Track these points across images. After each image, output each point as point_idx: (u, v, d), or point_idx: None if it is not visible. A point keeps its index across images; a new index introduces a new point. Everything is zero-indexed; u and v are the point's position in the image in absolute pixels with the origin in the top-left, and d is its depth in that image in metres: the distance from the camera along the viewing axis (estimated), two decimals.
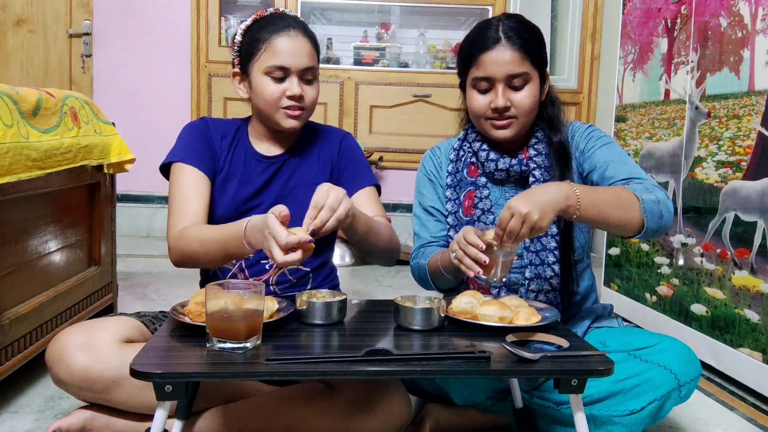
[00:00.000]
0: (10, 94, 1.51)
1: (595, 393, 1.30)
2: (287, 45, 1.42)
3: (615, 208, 1.28)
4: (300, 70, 1.42)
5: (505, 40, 1.41)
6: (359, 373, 1.02)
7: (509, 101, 1.42)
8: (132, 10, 3.89)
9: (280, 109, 1.43)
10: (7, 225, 1.56)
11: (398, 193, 3.92)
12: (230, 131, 1.53)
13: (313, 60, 1.45)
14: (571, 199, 1.22)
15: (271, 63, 1.41)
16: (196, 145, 1.47)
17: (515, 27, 1.43)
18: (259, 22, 1.45)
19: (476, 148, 1.52)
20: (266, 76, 1.42)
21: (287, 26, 1.43)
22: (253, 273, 1.47)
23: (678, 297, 2.21)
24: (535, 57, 1.43)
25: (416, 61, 3.98)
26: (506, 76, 1.41)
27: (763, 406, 1.77)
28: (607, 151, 1.44)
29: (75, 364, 1.21)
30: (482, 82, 1.43)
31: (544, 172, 1.45)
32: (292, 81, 1.42)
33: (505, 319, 1.15)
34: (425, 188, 1.60)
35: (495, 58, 1.41)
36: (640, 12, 2.61)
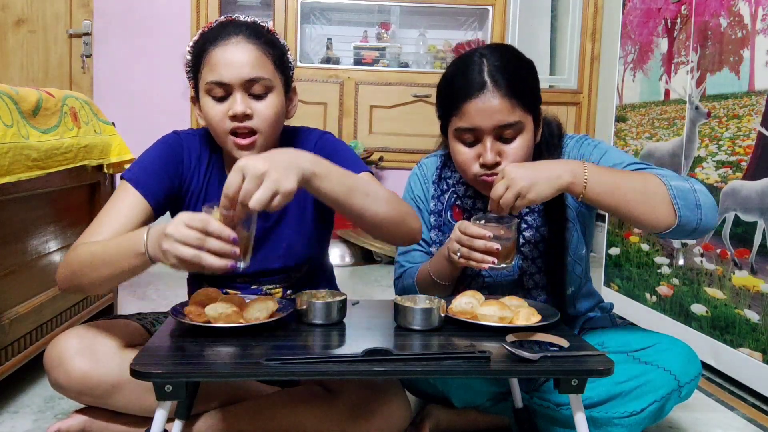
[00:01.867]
0: (10, 94, 1.51)
1: (595, 396, 1.30)
2: (225, 55, 1.20)
3: (635, 191, 1.15)
4: (242, 82, 1.19)
5: (492, 84, 1.22)
6: (359, 373, 1.02)
7: (499, 155, 1.25)
8: (132, 10, 3.89)
9: (227, 135, 1.22)
10: (7, 225, 1.56)
11: (398, 193, 3.91)
12: (205, 157, 1.34)
13: (260, 69, 1.21)
14: (578, 176, 1.13)
15: (209, 79, 1.20)
16: (155, 169, 1.28)
17: (501, 66, 1.24)
18: (204, 36, 1.26)
19: (460, 193, 1.40)
20: (207, 96, 1.22)
21: (228, 34, 1.22)
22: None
23: (678, 297, 2.21)
24: (527, 100, 1.25)
25: (416, 61, 3.98)
26: (494, 127, 1.23)
27: (763, 406, 1.77)
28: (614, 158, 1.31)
29: (74, 370, 1.19)
30: (467, 133, 1.25)
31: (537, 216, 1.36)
32: (234, 98, 1.20)
33: (505, 319, 1.15)
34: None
35: (481, 108, 1.22)
36: (640, 12, 2.61)
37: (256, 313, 1.11)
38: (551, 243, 1.36)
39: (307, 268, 1.41)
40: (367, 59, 3.95)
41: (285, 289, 1.40)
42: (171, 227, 1.00)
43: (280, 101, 1.25)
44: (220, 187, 1.18)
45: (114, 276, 1.13)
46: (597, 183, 1.14)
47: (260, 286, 1.38)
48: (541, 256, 1.38)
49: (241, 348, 1.04)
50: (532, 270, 1.39)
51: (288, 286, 1.40)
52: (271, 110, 1.22)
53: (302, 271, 1.41)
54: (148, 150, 1.34)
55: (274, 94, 1.24)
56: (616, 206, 1.17)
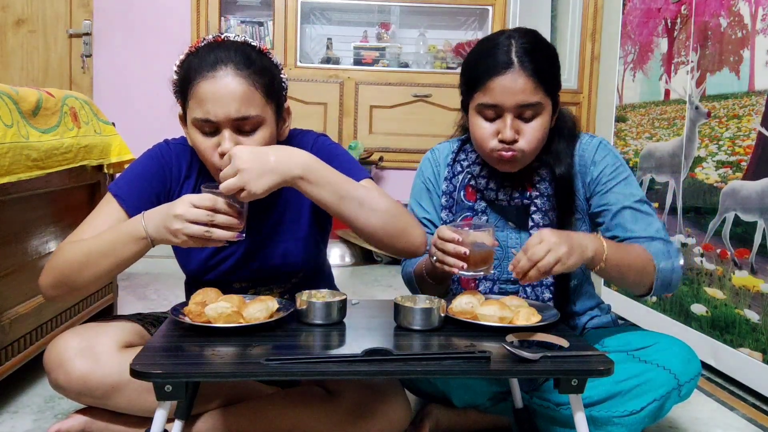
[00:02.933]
0: (10, 94, 1.51)
1: (595, 395, 1.30)
2: (211, 90, 1.16)
3: (633, 271, 1.28)
4: (231, 121, 1.16)
5: (518, 64, 1.27)
6: (359, 373, 1.02)
7: (518, 133, 1.30)
8: (132, 10, 3.89)
9: (215, 167, 1.20)
10: (7, 225, 1.56)
11: (398, 193, 3.89)
12: (195, 167, 1.33)
13: (250, 105, 1.17)
14: (599, 255, 1.22)
15: (197, 115, 1.18)
16: (140, 185, 1.27)
17: (529, 49, 1.29)
18: (190, 57, 1.23)
19: (475, 173, 1.43)
20: (196, 130, 1.20)
21: (214, 63, 1.17)
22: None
23: (678, 297, 2.21)
24: (549, 83, 1.31)
25: (416, 61, 3.98)
26: (516, 106, 1.28)
27: (763, 406, 1.77)
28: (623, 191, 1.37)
29: (74, 371, 1.19)
30: (489, 110, 1.31)
31: (546, 201, 1.39)
32: (223, 135, 1.17)
33: (505, 319, 1.15)
34: (422, 198, 1.52)
35: (505, 85, 1.27)
36: (640, 12, 2.61)
37: (256, 313, 1.11)
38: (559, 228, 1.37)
39: (304, 273, 1.41)
40: (367, 59, 3.95)
41: (282, 294, 1.39)
42: (180, 208, 1.08)
43: (271, 131, 1.22)
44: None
45: (113, 267, 1.16)
46: (611, 263, 1.23)
47: (258, 291, 1.38)
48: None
49: (241, 348, 1.04)
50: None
51: (285, 291, 1.40)
52: (260, 145, 1.19)
53: (299, 277, 1.40)
54: (135, 162, 1.33)
55: (264, 128, 1.21)
56: (613, 279, 1.31)
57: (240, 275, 1.36)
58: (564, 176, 1.39)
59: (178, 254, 1.38)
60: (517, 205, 1.42)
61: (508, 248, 1.44)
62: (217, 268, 1.35)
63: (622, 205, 1.37)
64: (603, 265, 1.22)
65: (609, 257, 1.22)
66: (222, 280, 1.34)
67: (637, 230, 1.35)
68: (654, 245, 1.33)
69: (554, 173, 1.39)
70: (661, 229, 1.37)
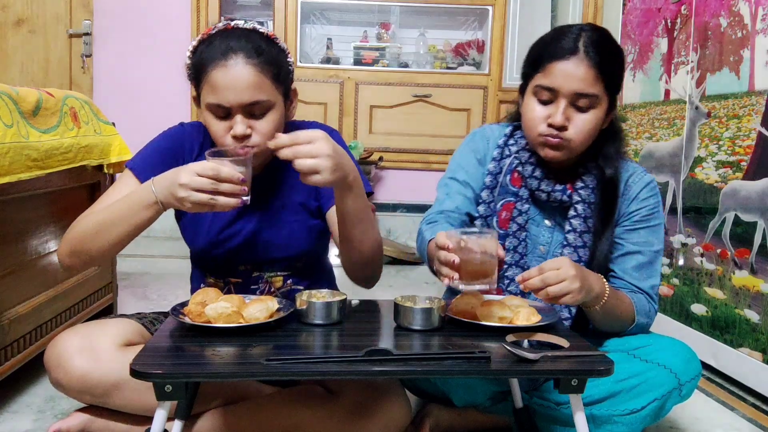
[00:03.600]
0: (10, 94, 1.51)
1: (596, 393, 1.30)
2: (224, 78, 1.22)
3: (616, 318, 1.33)
4: (242, 105, 1.23)
5: (583, 53, 1.27)
6: (359, 373, 1.02)
7: (568, 120, 1.29)
8: (132, 10, 3.89)
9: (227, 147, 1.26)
10: (7, 225, 1.56)
11: (398, 193, 3.92)
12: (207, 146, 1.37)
13: (260, 91, 1.23)
14: (599, 299, 1.24)
15: (210, 101, 1.24)
16: (156, 162, 1.32)
17: (598, 41, 1.29)
18: (203, 44, 1.27)
19: (523, 159, 1.41)
20: (209, 113, 1.27)
21: (227, 52, 1.23)
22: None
23: (678, 297, 2.21)
24: (610, 80, 1.30)
25: (416, 61, 3.98)
26: (573, 93, 1.28)
27: (763, 406, 1.77)
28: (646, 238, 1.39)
29: (74, 369, 1.20)
30: (545, 92, 1.30)
31: (587, 207, 1.38)
32: (235, 119, 1.24)
33: (505, 319, 1.15)
34: (467, 163, 1.46)
35: (566, 70, 1.27)
36: (640, 12, 2.61)
37: (256, 313, 1.11)
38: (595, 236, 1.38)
39: (307, 258, 1.42)
40: (367, 59, 3.95)
41: (286, 278, 1.41)
42: (185, 177, 1.10)
43: (280, 114, 1.29)
44: None
45: (126, 234, 1.20)
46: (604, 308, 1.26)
47: (262, 273, 1.39)
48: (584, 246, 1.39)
49: (241, 348, 1.04)
50: (573, 258, 1.37)
51: (289, 276, 1.41)
52: (270, 126, 1.26)
53: (302, 261, 1.42)
54: (152, 141, 1.39)
55: (274, 111, 1.27)
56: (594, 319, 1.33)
57: (245, 256, 1.37)
58: (613, 179, 1.37)
59: (186, 232, 1.40)
60: (555, 201, 1.40)
61: (537, 245, 1.43)
62: (225, 245, 1.36)
63: (638, 249, 1.39)
64: (597, 308, 1.25)
65: (605, 304, 1.25)
66: (228, 259, 1.37)
67: (635, 278, 1.39)
68: (640, 300, 1.37)
69: (602, 177, 1.38)
70: (656, 287, 1.41)
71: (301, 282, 1.42)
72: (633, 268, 1.39)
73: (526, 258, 1.42)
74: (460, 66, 3.96)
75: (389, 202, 3.89)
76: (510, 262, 1.41)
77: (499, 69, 3.87)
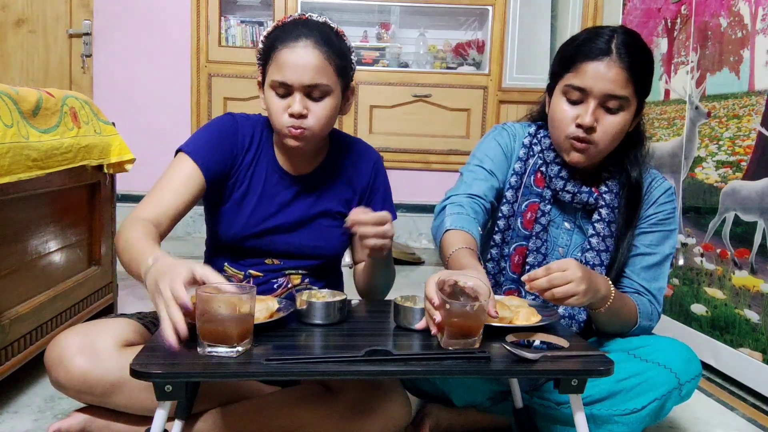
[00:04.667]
0: (10, 94, 1.51)
1: (596, 393, 1.30)
2: (291, 59, 1.29)
3: (620, 321, 1.33)
4: (303, 86, 1.29)
5: (616, 54, 1.27)
6: (359, 373, 1.02)
7: (596, 122, 1.29)
8: (132, 10, 3.89)
9: (283, 127, 1.32)
10: (7, 225, 1.56)
11: (398, 193, 3.89)
12: (256, 139, 1.43)
13: (321, 75, 1.29)
14: (605, 301, 1.24)
15: (275, 78, 1.31)
16: (211, 146, 1.37)
17: (630, 44, 1.29)
18: (276, 30, 1.35)
19: (548, 159, 1.40)
20: (272, 90, 1.33)
21: (297, 36, 1.30)
22: (260, 291, 1.40)
23: (678, 297, 2.21)
24: (641, 84, 1.30)
25: (416, 61, 3.97)
26: (603, 95, 1.27)
27: (763, 406, 1.77)
28: (659, 240, 1.40)
29: (74, 368, 1.20)
30: (575, 92, 1.30)
31: (611, 212, 1.38)
32: (294, 98, 1.30)
33: (505, 319, 1.15)
34: (495, 155, 1.43)
35: (598, 71, 1.27)
36: (640, 12, 2.61)
37: (256, 313, 1.11)
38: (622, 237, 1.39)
39: (329, 261, 1.49)
40: (367, 59, 3.95)
41: (304, 277, 1.46)
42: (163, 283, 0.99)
43: (335, 103, 1.34)
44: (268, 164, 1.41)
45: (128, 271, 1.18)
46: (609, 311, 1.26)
47: (285, 270, 1.44)
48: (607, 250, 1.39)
49: None
50: (596, 262, 1.39)
51: (307, 275, 1.46)
52: (325, 112, 1.32)
53: (324, 263, 1.48)
54: (204, 127, 1.43)
55: (331, 98, 1.33)
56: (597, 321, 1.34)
57: (277, 249, 1.41)
58: (638, 183, 1.38)
59: (223, 218, 1.40)
60: (580, 203, 1.39)
61: (556, 247, 1.43)
62: (262, 235, 1.40)
63: (649, 251, 1.40)
64: (602, 310, 1.26)
65: (610, 306, 1.26)
66: (259, 250, 1.41)
67: (643, 278, 1.39)
68: (644, 302, 1.37)
69: (627, 181, 1.38)
70: (662, 290, 1.40)
71: (317, 282, 1.47)
72: (642, 268, 1.39)
73: (548, 259, 1.41)
74: (460, 66, 3.96)
75: None
76: (532, 263, 1.40)
77: (499, 69, 3.87)
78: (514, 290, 1.42)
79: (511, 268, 1.42)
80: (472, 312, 1.02)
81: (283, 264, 1.44)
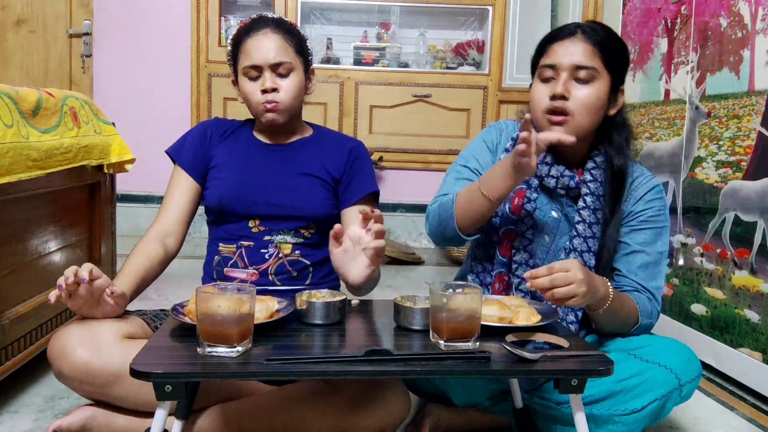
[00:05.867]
0: (10, 94, 1.51)
1: (596, 393, 1.30)
2: (256, 44, 1.49)
3: (620, 320, 1.34)
4: (270, 65, 1.48)
5: (581, 33, 1.36)
6: (359, 373, 1.02)
7: (568, 92, 1.34)
8: (132, 10, 3.89)
9: (259, 105, 1.49)
10: (7, 225, 1.56)
11: (398, 193, 3.92)
12: (234, 126, 1.61)
13: (283, 54, 1.49)
14: (604, 302, 1.25)
15: (245, 63, 1.50)
16: (189, 145, 1.57)
17: (596, 28, 1.39)
18: (240, 30, 1.54)
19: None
20: (245, 77, 1.51)
21: (259, 26, 1.51)
22: (253, 262, 1.48)
23: (678, 297, 2.21)
24: (609, 58, 1.36)
25: (416, 61, 3.97)
26: (572, 66, 1.34)
27: (763, 406, 1.77)
28: (651, 239, 1.40)
29: (77, 359, 1.22)
30: (547, 69, 1.37)
31: (596, 200, 1.40)
32: (264, 77, 1.48)
33: (505, 319, 1.15)
34: (479, 152, 1.50)
35: (566, 47, 1.36)
36: (640, 12, 2.61)
37: (256, 313, 1.11)
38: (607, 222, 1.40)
39: (316, 228, 1.52)
40: (367, 59, 3.95)
41: (294, 247, 1.50)
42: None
43: (300, 79, 1.53)
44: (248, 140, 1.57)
45: None
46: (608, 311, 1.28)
47: (272, 237, 1.49)
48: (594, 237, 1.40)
49: None
50: (583, 248, 1.40)
51: (297, 245, 1.50)
52: (293, 86, 1.50)
53: (311, 231, 1.52)
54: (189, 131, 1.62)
55: (295, 74, 1.51)
56: (597, 321, 1.35)
57: (259, 206, 1.49)
58: (621, 169, 1.40)
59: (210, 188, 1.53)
60: (564, 187, 1.41)
61: (543, 234, 1.44)
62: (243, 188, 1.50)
63: (643, 249, 1.40)
64: (601, 311, 1.26)
65: (609, 307, 1.26)
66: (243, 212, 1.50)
67: (641, 277, 1.39)
68: (642, 300, 1.37)
69: (610, 167, 1.41)
70: (660, 288, 1.41)
71: (308, 257, 1.50)
72: (639, 267, 1.40)
73: (533, 245, 1.43)
74: (460, 66, 3.96)
75: (389, 202, 3.89)
76: (518, 246, 1.42)
77: (499, 69, 3.87)
78: (504, 274, 1.44)
79: (501, 252, 1.43)
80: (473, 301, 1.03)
81: (268, 228, 1.50)
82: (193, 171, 1.55)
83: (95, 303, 1.24)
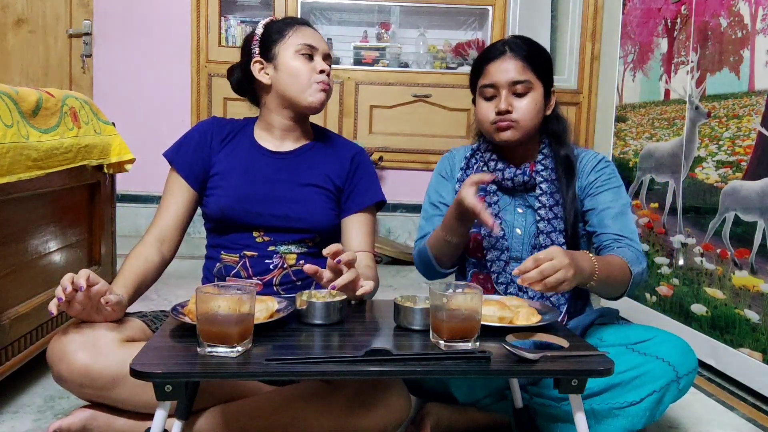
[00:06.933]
0: (10, 94, 1.51)
1: (594, 386, 1.31)
2: (311, 32, 1.55)
3: (615, 281, 1.36)
4: (324, 53, 1.53)
5: (510, 51, 1.50)
6: (359, 373, 1.02)
7: (511, 106, 1.48)
8: (132, 10, 3.89)
9: (312, 84, 1.50)
10: (7, 225, 1.56)
11: (398, 193, 3.92)
12: (235, 129, 1.58)
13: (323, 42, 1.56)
14: (592, 274, 1.27)
15: (302, 42, 1.51)
16: (187, 149, 1.54)
17: (520, 43, 1.52)
18: (279, 21, 1.57)
19: (486, 158, 1.58)
20: (297, 54, 1.51)
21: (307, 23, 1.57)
22: (257, 272, 1.47)
23: (678, 297, 2.21)
24: (538, 69, 1.51)
25: (416, 61, 3.97)
26: (509, 82, 1.48)
27: (763, 406, 1.77)
28: (612, 197, 1.49)
29: (76, 362, 1.21)
30: (488, 89, 1.51)
31: (551, 184, 1.51)
32: (319, 59, 1.52)
33: (505, 319, 1.15)
34: (438, 185, 1.65)
35: (500, 67, 1.49)
36: (640, 12, 2.61)
37: (256, 313, 1.11)
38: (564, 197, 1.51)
39: (320, 238, 1.52)
40: (367, 59, 3.95)
41: (299, 257, 1.49)
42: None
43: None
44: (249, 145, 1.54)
45: None
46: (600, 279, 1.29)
47: (277, 247, 1.48)
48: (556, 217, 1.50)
49: None
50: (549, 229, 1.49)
51: (302, 255, 1.49)
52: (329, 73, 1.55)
53: (315, 241, 1.51)
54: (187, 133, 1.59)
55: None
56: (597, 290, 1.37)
57: (264, 217, 1.48)
58: (567, 156, 1.53)
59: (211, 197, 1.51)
60: (520, 183, 1.52)
61: (514, 228, 1.52)
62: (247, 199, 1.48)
63: (608, 206, 1.48)
64: (593, 283, 1.28)
65: (598, 275, 1.28)
66: (247, 222, 1.48)
67: (615, 228, 1.46)
68: (625, 252, 1.40)
69: (557, 155, 1.53)
70: (635, 233, 1.47)
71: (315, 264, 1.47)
72: (611, 220, 1.47)
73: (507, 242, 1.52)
74: (460, 66, 3.96)
75: (389, 202, 3.89)
76: (488, 246, 1.53)
77: None
78: (478, 272, 1.55)
79: (470, 254, 1.56)
80: (473, 301, 1.04)
81: (273, 239, 1.48)
82: (191, 177, 1.52)
83: (94, 308, 1.23)
